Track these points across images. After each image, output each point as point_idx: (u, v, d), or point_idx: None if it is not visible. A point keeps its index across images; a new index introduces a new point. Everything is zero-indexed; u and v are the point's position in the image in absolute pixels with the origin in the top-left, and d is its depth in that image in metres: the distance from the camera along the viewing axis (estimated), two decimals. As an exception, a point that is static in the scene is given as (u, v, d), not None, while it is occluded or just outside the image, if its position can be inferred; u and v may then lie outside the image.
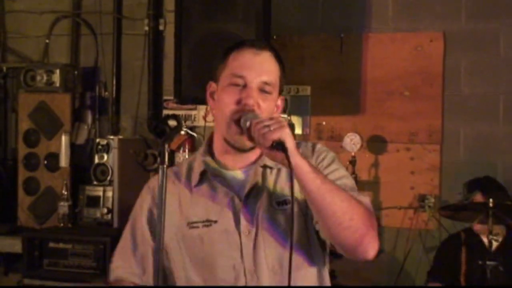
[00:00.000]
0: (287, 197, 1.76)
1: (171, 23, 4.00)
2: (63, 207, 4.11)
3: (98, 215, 4.15)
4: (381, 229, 4.13)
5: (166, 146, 1.54)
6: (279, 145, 1.59)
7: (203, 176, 1.81)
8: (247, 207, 1.76)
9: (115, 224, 4.09)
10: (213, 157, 1.83)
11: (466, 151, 4.23)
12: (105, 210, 4.14)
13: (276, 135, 1.60)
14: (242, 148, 1.77)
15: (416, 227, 4.25)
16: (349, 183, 1.77)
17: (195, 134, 4.35)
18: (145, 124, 4.43)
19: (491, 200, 3.41)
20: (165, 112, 4.39)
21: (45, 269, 3.87)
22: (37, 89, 4.39)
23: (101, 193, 4.20)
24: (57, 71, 4.35)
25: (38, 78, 4.37)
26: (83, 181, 4.29)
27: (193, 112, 4.45)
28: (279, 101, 1.82)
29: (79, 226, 4.17)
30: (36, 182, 4.37)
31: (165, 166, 1.52)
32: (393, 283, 4.19)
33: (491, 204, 3.41)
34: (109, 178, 4.20)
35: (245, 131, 1.68)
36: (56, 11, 4.79)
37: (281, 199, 1.77)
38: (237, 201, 1.76)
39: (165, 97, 4.38)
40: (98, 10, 4.62)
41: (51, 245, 3.87)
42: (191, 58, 3.51)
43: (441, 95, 4.25)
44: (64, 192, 4.13)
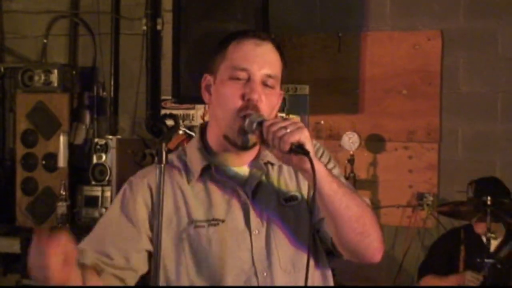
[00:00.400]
0: (293, 193, 1.71)
1: (169, 23, 3.99)
2: (61, 207, 4.10)
3: (96, 215, 4.14)
4: (379, 227, 4.12)
5: (164, 145, 1.51)
6: (299, 148, 1.50)
7: (203, 172, 1.69)
8: (255, 204, 1.67)
9: (113, 224, 4.08)
10: (209, 153, 1.71)
11: (464, 150, 4.24)
12: (103, 210, 4.13)
13: (295, 138, 1.50)
14: (244, 146, 1.66)
15: (415, 226, 4.26)
16: (346, 182, 1.73)
17: (193, 134, 4.32)
18: (143, 124, 4.44)
19: (489, 198, 3.41)
20: (163, 112, 4.38)
21: (44, 269, 3.86)
22: (35, 89, 4.38)
23: (99, 193, 4.20)
24: (55, 71, 4.35)
25: (36, 78, 4.36)
26: (81, 181, 4.29)
27: (191, 112, 4.45)
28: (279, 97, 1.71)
29: (77, 226, 4.15)
30: (34, 182, 4.36)
31: (162, 165, 1.50)
32: (392, 282, 4.20)
33: (489, 202, 3.41)
34: (107, 178, 4.20)
35: (254, 132, 1.58)
36: (54, 11, 4.78)
37: (287, 195, 1.70)
38: (244, 198, 1.66)
39: (163, 97, 4.37)
40: (96, 10, 4.63)
41: (50, 245, 3.87)
42: (189, 58, 3.50)
43: (439, 93, 4.26)
44: (62, 192, 4.12)
